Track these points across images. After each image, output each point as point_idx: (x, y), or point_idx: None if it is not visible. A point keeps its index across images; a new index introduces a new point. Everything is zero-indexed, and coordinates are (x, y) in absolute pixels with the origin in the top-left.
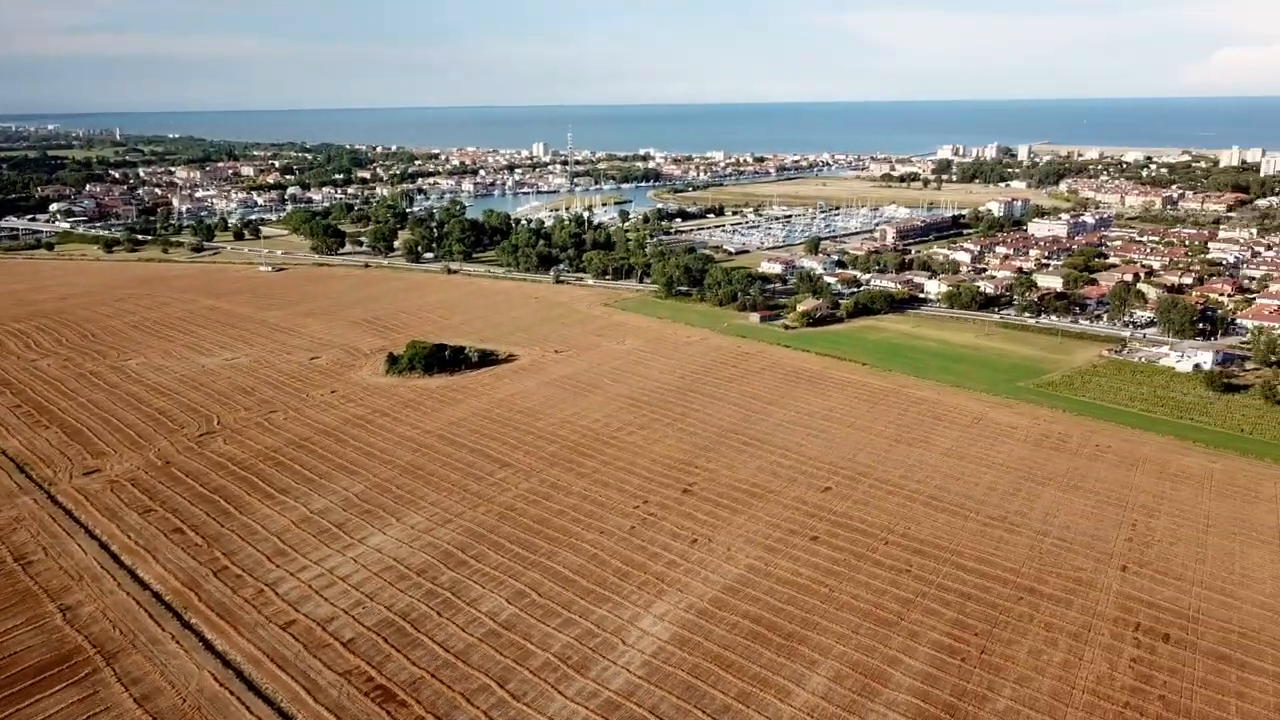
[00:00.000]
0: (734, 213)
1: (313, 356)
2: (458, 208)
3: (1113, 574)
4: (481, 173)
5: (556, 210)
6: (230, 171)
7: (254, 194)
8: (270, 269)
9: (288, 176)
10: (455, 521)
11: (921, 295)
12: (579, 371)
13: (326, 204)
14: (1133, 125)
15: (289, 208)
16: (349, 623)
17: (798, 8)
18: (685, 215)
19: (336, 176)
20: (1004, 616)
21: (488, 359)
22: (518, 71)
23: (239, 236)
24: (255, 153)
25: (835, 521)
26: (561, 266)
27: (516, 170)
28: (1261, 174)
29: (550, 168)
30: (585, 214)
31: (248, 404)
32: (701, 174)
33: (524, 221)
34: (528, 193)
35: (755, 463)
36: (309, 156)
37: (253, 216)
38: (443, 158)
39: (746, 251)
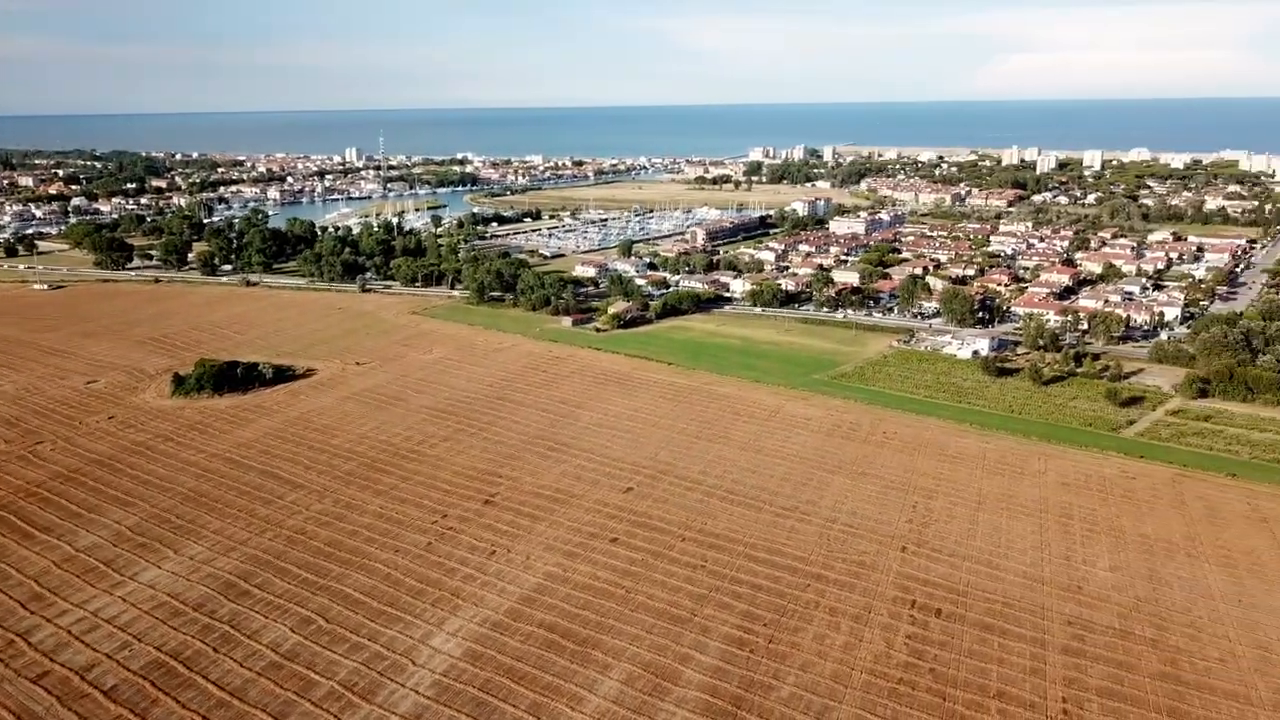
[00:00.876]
0: (551, 216)
1: (89, 380)
2: (260, 216)
3: (893, 555)
4: (290, 180)
5: (367, 217)
6: (5, 182)
7: (31, 206)
8: (46, 287)
9: (73, 186)
10: (239, 550)
11: (728, 294)
12: (382, 384)
13: (116, 215)
14: (929, 127)
15: (73, 220)
16: (112, 669)
17: (618, 12)
18: (501, 220)
19: (129, 186)
20: (792, 605)
21: (284, 375)
22: (331, 75)
23: (11, 253)
24: (37, 161)
25: (635, 522)
26: (368, 275)
27: (327, 176)
28: (1038, 171)
29: (363, 173)
30: (396, 220)
31: (9, 436)
32: (520, 178)
33: (331, 229)
34: (338, 199)
35: (560, 468)
36: (99, 165)
37: (29, 230)
38: (248, 164)
39: (562, 255)
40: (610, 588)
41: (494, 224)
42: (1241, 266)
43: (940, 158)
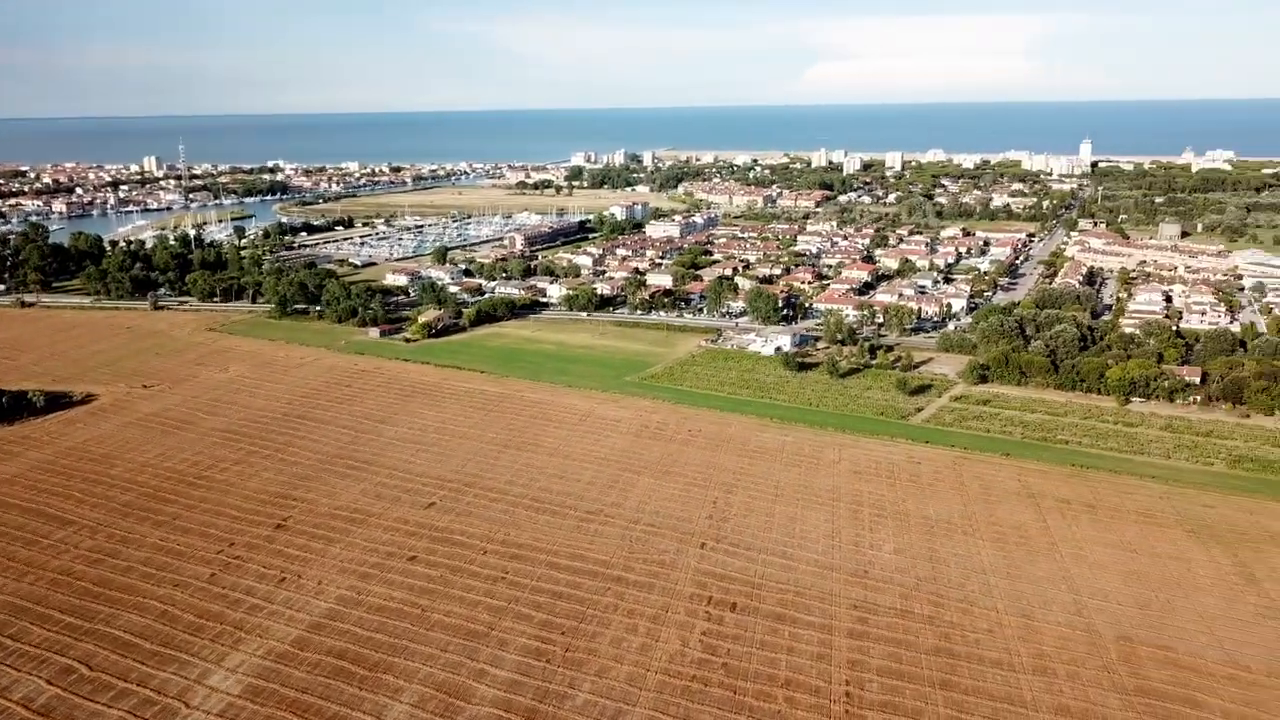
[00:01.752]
0: (364, 224)
1: None
2: (39, 231)
3: (693, 553)
4: (79, 191)
5: (165, 229)
6: None
7: None
8: None
9: None
10: None
11: (544, 300)
12: (170, 407)
13: None
14: (749, 131)
15: None
16: None
17: (445, 15)
18: (311, 229)
19: None
20: (591, 610)
21: (59, 402)
22: (129, 79)
23: None
24: None
25: (436, 538)
26: (162, 291)
27: (123, 187)
28: (844, 173)
29: (163, 184)
30: (195, 232)
31: None
32: (335, 185)
33: (122, 243)
34: (133, 211)
35: (359, 486)
36: None
37: None
38: (31, 175)
39: (374, 264)
40: (405, 608)
41: (303, 233)
42: (1021, 259)
43: (755, 161)
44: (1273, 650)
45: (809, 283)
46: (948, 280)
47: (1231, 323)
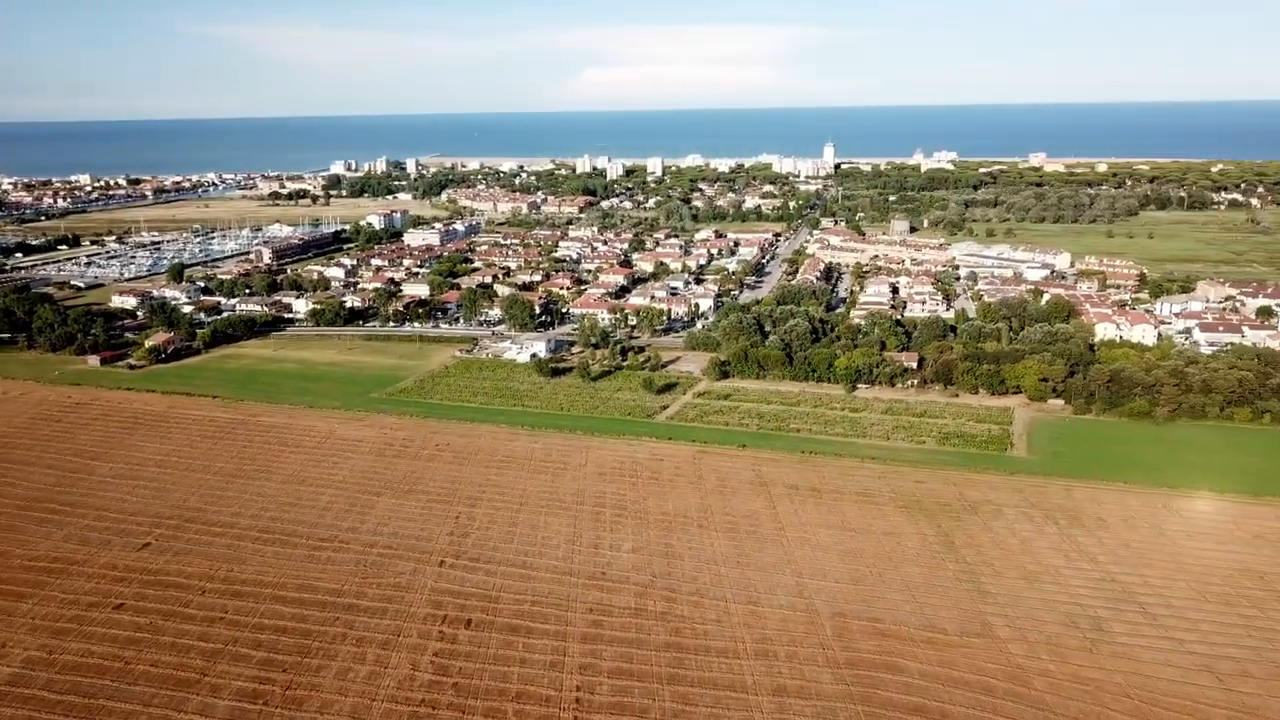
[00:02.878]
0: (93, 242)
1: None
2: None
3: (431, 571)
4: None
5: None
6: None
7: None
8: None
9: None
10: None
11: (290, 315)
12: None
13: None
14: (517, 137)
15: None
16: None
17: (193, 18)
18: (28, 249)
19: None
20: (317, 643)
21: None
22: None
23: None
24: None
25: (148, 581)
26: None
27: None
28: (608, 178)
29: None
30: None
31: None
32: (61, 200)
33: None
34: None
35: (61, 532)
36: None
37: None
38: None
39: (101, 285)
40: (106, 662)
41: (18, 254)
42: (768, 258)
43: (521, 167)
44: (965, 611)
45: (568, 288)
46: (698, 281)
47: (947, 310)
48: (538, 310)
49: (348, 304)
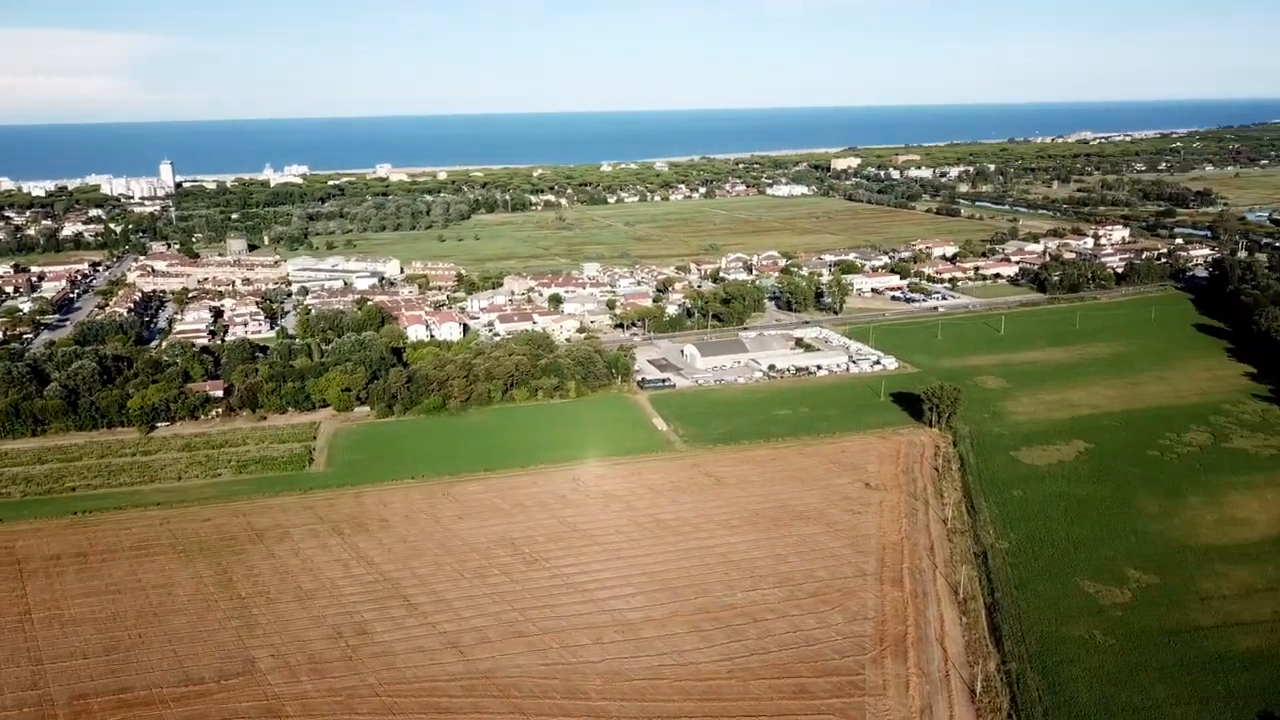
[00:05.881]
0: None
1: None
2: None
3: None
4: None
5: None
6: None
7: None
8: None
9: None
10: None
11: None
12: None
13: None
14: None
15: None
16: None
17: None
18: None
19: None
20: None
21: None
22: None
23: None
24: None
25: None
26: None
27: None
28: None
29: None
30: None
31: None
32: None
33: None
34: None
35: None
36: None
37: None
38: None
39: None
40: None
41: None
42: (80, 291)
43: None
44: (228, 653)
45: None
46: None
47: (272, 329)
48: None
49: None
